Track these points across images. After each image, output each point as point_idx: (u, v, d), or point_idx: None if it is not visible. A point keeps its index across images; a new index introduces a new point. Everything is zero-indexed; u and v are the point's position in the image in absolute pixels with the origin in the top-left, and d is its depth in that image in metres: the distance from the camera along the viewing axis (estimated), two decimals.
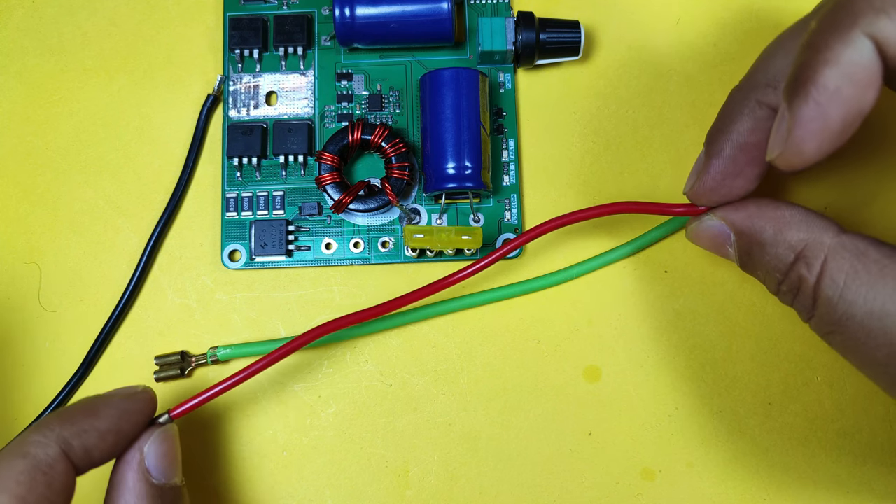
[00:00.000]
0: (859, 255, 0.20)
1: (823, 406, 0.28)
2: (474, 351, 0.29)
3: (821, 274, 0.21)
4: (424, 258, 0.29)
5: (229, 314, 0.29)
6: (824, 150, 0.19)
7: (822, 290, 0.21)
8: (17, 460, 0.20)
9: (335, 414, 0.29)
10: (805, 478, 0.28)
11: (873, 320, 0.20)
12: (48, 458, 0.21)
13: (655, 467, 0.28)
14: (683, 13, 0.31)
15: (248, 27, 0.30)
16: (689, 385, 0.29)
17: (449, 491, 0.28)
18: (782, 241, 0.22)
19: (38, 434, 0.21)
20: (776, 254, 0.22)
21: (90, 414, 0.22)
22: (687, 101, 0.30)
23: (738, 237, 0.23)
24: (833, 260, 0.21)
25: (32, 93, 0.31)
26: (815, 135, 0.19)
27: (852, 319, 0.20)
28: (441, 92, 0.28)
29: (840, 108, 0.18)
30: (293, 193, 0.30)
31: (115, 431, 0.23)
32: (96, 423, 0.22)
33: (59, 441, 0.21)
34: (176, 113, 0.30)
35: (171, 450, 0.24)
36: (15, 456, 0.20)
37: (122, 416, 0.23)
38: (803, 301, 0.22)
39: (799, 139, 0.19)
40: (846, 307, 0.20)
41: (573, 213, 0.26)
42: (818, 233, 0.21)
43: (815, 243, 0.21)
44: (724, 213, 0.24)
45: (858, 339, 0.20)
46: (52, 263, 0.29)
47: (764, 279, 0.23)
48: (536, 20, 0.29)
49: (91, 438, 0.22)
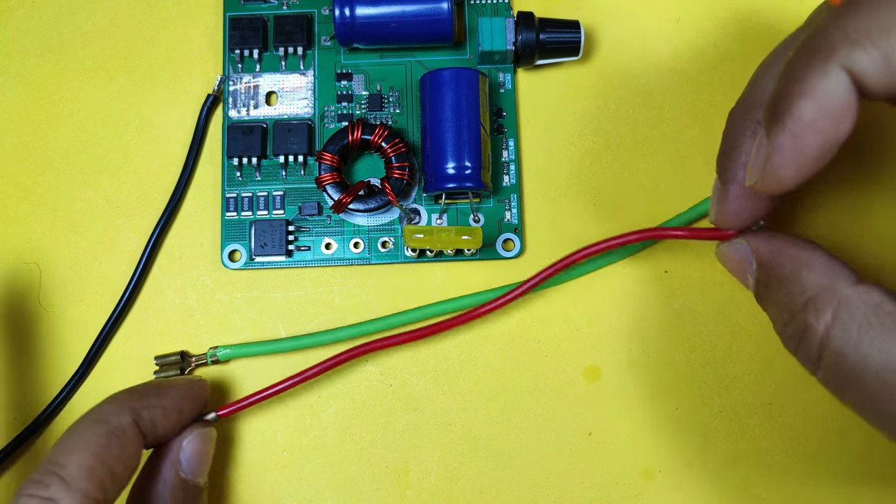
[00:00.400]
0: (874, 307, 0.20)
1: (823, 406, 0.28)
2: (474, 351, 0.29)
3: (831, 324, 0.20)
4: (424, 258, 0.29)
5: (229, 314, 0.29)
6: (801, 177, 0.20)
7: (833, 340, 0.20)
8: (96, 425, 0.23)
9: (335, 414, 0.29)
10: (805, 478, 0.28)
11: (889, 372, 0.19)
12: (121, 424, 0.23)
13: (655, 467, 0.28)
14: (683, 13, 0.31)
15: (248, 27, 0.30)
16: (689, 385, 0.29)
17: (449, 491, 0.28)
18: (797, 281, 0.21)
19: (114, 405, 0.24)
20: (788, 293, 0.22)
21: (157, 393, 0.25)
22: (687, 101, 0.30)
23: (759, 267, 0.23)
24: (845, 310, 0.20)
25: (32, 93, 0.31)
26: (791, 163, 0.19)
27: (866, 372, 0.19)
28: (441, 92, 0.28)
29: (815, 138, 0.19)
30: (293, 193, 0.30)
31: (178, 411, 0.25)
32: (162, 402, 0.25)
33: (132, 412, 0.24)
34: (176, 113, 0.30)
35: (204, 450, 0.26)
36: (94, 422, 0.23)
37: (184, 399, 0.26)
38: (806, 350, 0.21)
39: (776, 166, 0.20)
40: (859, 359, 0.20)
41: (605, 241, 0.26)
42: (835, 280, 0.21)
43: (829, 290, 0.21)
44: (753, 240, 0.23)
45: (874, 392, 0.20)
46: (52, 263, 0.29)
47: (773, 318, 0.23)
48: (536, 20, 0.29)
49: (157, 414, 0.24)
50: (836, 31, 0.18)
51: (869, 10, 0.18)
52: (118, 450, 0.23)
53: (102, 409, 0.24)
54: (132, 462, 0.23)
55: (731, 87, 0.30)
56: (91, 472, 0.22)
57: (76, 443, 0.22)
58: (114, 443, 0.23)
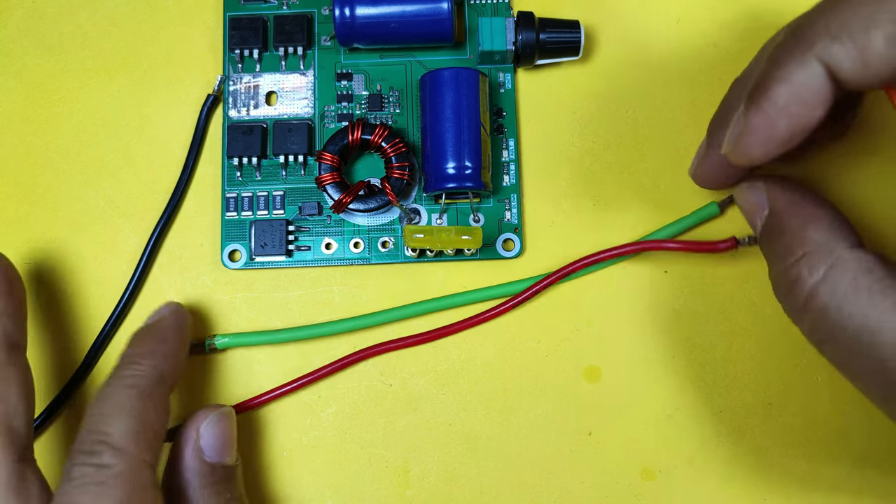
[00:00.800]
0: (865, 271, 0.21)
1: (823, 406, 0.28)
2: (474, 351, 0.29)
3: (822, 280, 0.21)
4: (424, 258, 0.29)
5: (229, 314, 0.29)
6: (769, 155, 0.21)
7: (819, 296, 0.21)
8: (126, 390, 0.24)
9: (335, 414, 0.29)
10: (805, 478, 0.28)
11: (865, 333, 0.20)
12: (149, 384, 0.24)
13: (655, 467, 0.28)
14: (683, 13, 0.31)
15: (248, 27, 0.30)
16: (689, 385, 0.29)
17: (449, 491, 0.28)
18: (800, 234, 0.22)
19: (132, 368, 0.24)
20: (787, 244, 0.23)
21: (161, 339, 0.26)
22: (687, 101, 0.30)
23: (770, 214, 0.24)
24: (838, 270, 0.21)
25: (32, 93, 0.31)
26: (761, 142, 0.20)
27: (844, 331, 0.21)
28: (441, 92, 0.28)
29: (786, 122, 0.20)
30: (293, 193, 0.30)
31: (184, 347, 0.27)
32: (167, 347, 0.26)
33: (154, 370, 0.25)
34: (176, 113, 0.30)
35: (226, 431, 0.26)
36: (123, 388, 0.24)
37: (180, 332, 0.27)
38: (794, 300, 0.22)
39: (747, 143, 0.21)
40: (840, 318, 0.21)
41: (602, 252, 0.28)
42: (835, 241, 0.22)
43: (826, 249, 0.22)
44: (772, 187, 0.24)
45: (849, 350, 0.21)
46: (52, 263, 0.29)
47: (770, 262, 0.24)
48: (536, 20, 0.29)
49: (170, 361, 0.25)
50: (820, 23, 0.19)
51: (855, 5, 0.18)
52: (154, 409, 0.24)
53: (127, 375, 0.24)
54: (167, 416, 0.24)
55: None
56: (137, 436, 0.23)
57: (115, 410, 0.23)
58: (148, 403, 0.24)
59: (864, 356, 0.20)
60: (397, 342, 0.28)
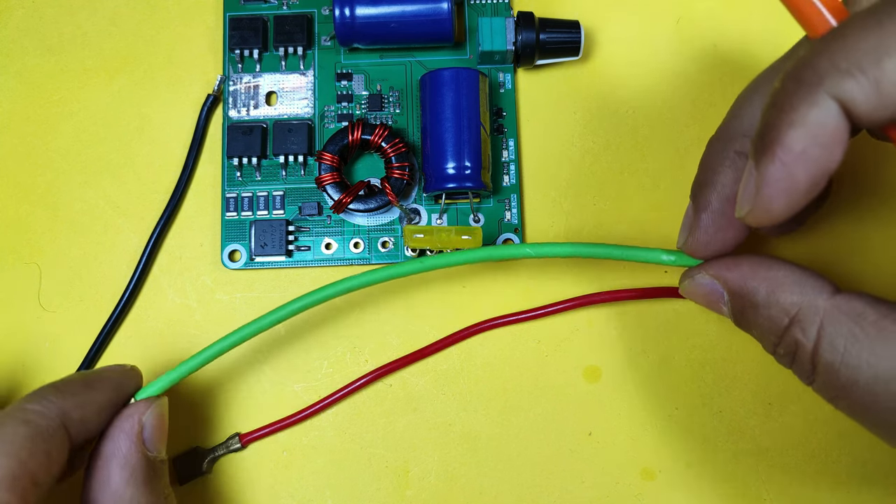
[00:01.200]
0: (856, 318, 0.20)
1: (823, 406, 0.28)
2: (474, 351, 0.29)
3: (818, 339, 0.20)
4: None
5: (229, 314, 0.29)
6: (792, 208, 0.19)
7: (822, 355, 0.20)
8: (20, 427, 0.21)
9: (335, 414, 0.29)
10: (805, 478, 0.28)
11: (878, 384, 0.19)
12: (49, 427, 0.21)
13: (655, 467, 0.28)
14: (683, 13, 0.31)
15: (248, 27, 0.30)
16: (689, 385, 0.29)
17: (449, 491, 0.28)
18: (775, 304, 0.21)
19: (39, 404, 0.22)
20: (770, 316, 0.21)
21: (88, 387, 0.23)
22: (687, 101, 0.30)
23: (731, 297, 0.23)
24: (830, 325, 0.20)
25: (32, 93, 0.31)
26: (782, 194, 0.19)
27: (857, 385, 0.20)
28: (441, 92, 0.28)
29: (807, 168, 0.18)
30: (293, 193, 0.30)
31: (111, 406, 0.23)
32: (94, 397, 0.23)
33: (60, 412, 0.22)
34: (176, 113, 0.30)
35: (164, 422, 0.24)
36: (18, 423, 0.21)
37: (118, 391, 0.24)
38: (802, 366, 0.21)
39: (767, 198, 0.19)
40: (849, 373, 0.20)
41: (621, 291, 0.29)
42: (812, 295, 0.21)
43: (810, 307, 0.21)
44: (717, 271, 0.23)
45: (865, 405, 0.20)
46: (52, 263, 0.29)
47: (760, 339, 0.23)
48: (536, 20, 0.29)
49: (88, 411, 0.22)
50: (824, 59, 0.18)
51: (856, 37, 0.17)
52: (43, 456, 0.21)
53: (26, 409, 0.21)
54: (57, 469, 0.21)
55: (731, 88, 0.30)
56: (14, 482, 0.20)
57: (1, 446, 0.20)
58: (39, 448, 0.21)
59: (883, 405, 0.19)
60: (412, 356, 0.28)
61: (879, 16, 0.17)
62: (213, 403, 0.29)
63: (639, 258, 0.25)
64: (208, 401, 0.29)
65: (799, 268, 0.22)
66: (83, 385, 0.23)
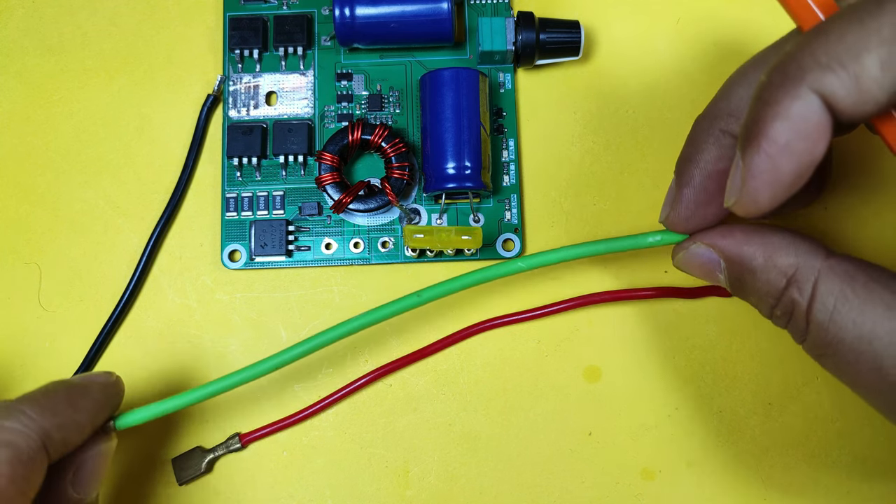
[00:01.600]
0: (848, 279, 0.21)
1: (823, 406, 0.28)
2: (474, 351, 0.29)
3: (812, 298, 0.21)
4: (424, 258, 0.29)
5: (229, 314, 0.29)
6: (778, 199, 0.20)
7: (814, 313, 0.21)
8: (1, 450, 0.20)
9: (335, 414, 0.29)
10: (805, 477, 0.28)
11: (862, 344, 0.20)
12: (30, 449, 0.20)
13: (655, 467, 0.28)
14: (683, 13, 0.31)
15: (248, 27, 0.30)
16: (689, 385, 0.29)
17: (449, 491, 0.28)
18: (773, 267, 0.22)
19: (20, 422, 0.21)
20: (768, 279, 0.22)
21: (72, 405, 0.22)
22: (687, 100, 0.30)
23: (727, 264, 0.23)
24: (823, 283, 0.21)
25: (32, 93, 0.31)
26: (768, 185, 0.19)
27: (842, 343, 0.20)
28: (441, 92, 0.28)
29: (791, 160, 0.19)
30: (293, 193, 0.30)
31: (91, 425, 0.23)
32: (76, 416, 0.22)
33: (41, 433, 0.21)
34: (176, 113, 0.30)
35: (103, 468, 0.23)
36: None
37: (99, 410, 0.23)
38: (797, 324, 0.22)
39: (753, 189, 0.20)
40: (836, 331, 0.20)
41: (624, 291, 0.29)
42: (808, 257, 0.21)
43: (806, 267, 0.21)
44: (712, 239, 0.23)
45: (849, 363, 0.20)
46: (52, 263, 0.29)
47: (756, 304, 0.23)
48: (536, 20, 0.29)
49: (70, 431, 0.22)
50: (807, 55, 0.18)
51: (838, 33, 0.18)
52: (23, 481, 0.20)
53: (8, 428, 0.20)
54: (33, 491, 0.21)
55: None
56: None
57: None
58: (19, 473, 0.20)
59: (865, 366, 0.20)
60: (412, 356, 0.28)
61: (861, 13, 0.18)
62: (213, 403, 0.29)
63: (625, 247, 0.25)
64: (208, 401, 0.29)
65: (791, 232, 0.22)
66: (67, 403, 0.22)
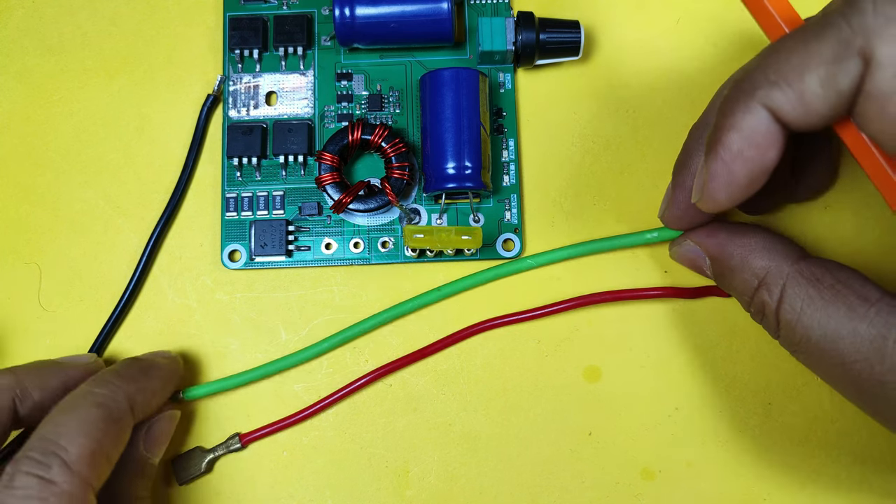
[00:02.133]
0: (814, 282, 0.22)
1: (823, 406, 0.28)
2: (474, 351, 0.29)
3: (780, 300, 0.23)
4: (424, 258, 0.29)
5: (229, 314, 0.29)
6: (735, 199, 0.22)
7: (782, 314, 0.23)
8: (94, 409, 0.23)
9: (335, 414, 0.29)
10: (805, 478, 0.28)
11: (827, 342, 0.22)
12: (119, 409, 0.24)
13: (655, 467, 0.28)
14: (683, 13, 0.31)
15: (248, 27, 0.30)
16: (689, 385, 0.29)
17: (449, 491, 0.28)
18: (747, 268, 0.24)
19: (110, 388, 0.24)
20: (742, 279, 0.24)
21: (146, 374, 0.26)
22: (687, 101, 0.30)
23: (711, 261, 0.26)
24: (790, 287, 0.23)
25: (32, 93, 0.31)
26: (724, 187, 0.22)
27: (809, 341, 0.22)
28: (441, 92, 0.28)
29: (744, 165, 0.21)
30: (293, 193, 0.30)
31: (164, 394, 0.26)
32: (152, 384, 0.26)
33: (127, 396, 0.24)
34: (176, 113, 0.30)
35: (168, 431, 0.27)
36: (91, 405, 0.23)
37: (168, 380, 0.27)
38: (768, 322, 0.24)
39: (712, 189, 0.22)
40: (803, 331, 0.22)
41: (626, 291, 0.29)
42: (779, 260, 0.24)
43: (776, 271, 0.23)
44: (699, 238, 0.26)
45: (817, 359, 0.22)
46: (52, 263, 0.29)
47: (737, 298, 0.25)
48: (536, 20, 0.29)
49: (147, 396, 0.25)
50: (759, 72, 0.20)
51: (787, 53, 0.20)
52: (115, 436, 0.23)
53: (99, 393, 0.24)
54: (123, 447, 0.24)
55: None
56: (92, 459, 0.22)
57: (78, 426, 0.22)
58: (112, 429, 0.23)
59: (830, 362, 0.22)
60: (412, 356, 0.28)
61: (808, 34, 0.20)
62: (214, 403, 0.29)
63: (626, 244, 0.28)
64: (208, 401, 0.29)
65: (771, 235, 0.25)
66: (141, 372, 0.25)
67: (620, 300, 0.29)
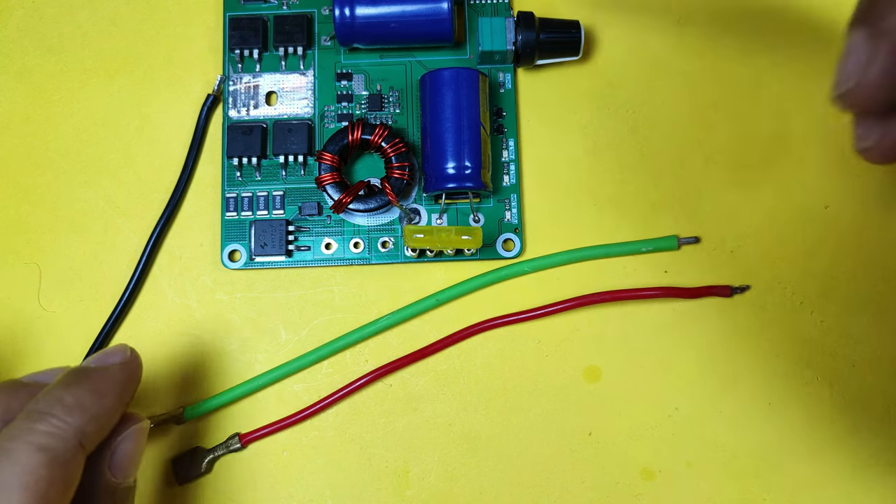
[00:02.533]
0: None
1: (823, 406, 0.28)
2: (474, 351, 0.29)
3: None
4: (424, 258, 0.29)
5: (229, 314, 0.29)
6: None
7: None
8: (35, 455, 0.19)
9: (335, 414, 0.29)
10: (805, 478, 0.28)
11: None
12: (67, 451, 0.20)
13: (655, 467, 0.28)
14: (683, 13, 0.31)
15: (248, 27, 0.30)
16: (689, 385, 0.29)
17: (449, 491, 0.28)
18: None
19: (50, 424, 0.20)
20: None
21: (96, 393, 0.21)
22: (687, 101, 0.30)
23: None
24: None
25: (32, 93, 0.31)
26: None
27: None
28: (441, 92, 0.28)
29: None
30: (293, 193, 0.30)
31: (121, 406, 0.22)
32: (104, 403, 0.21)
33: (76, 432, 0.20)
34: (176, 113, 0.30)
35: (139, 449, 0.22)
36: (32, 450, 0.19)
37: (124, 390, 0.22)
38: None
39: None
40: None
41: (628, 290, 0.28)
42: None
43: None
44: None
45: None
46: (52, 263, 0.29)
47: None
48: (536, 20, 0.29)
49: (101, 420, 0.21)
50: None
51: None
52: (63, 482, 0.19)
53: (40, 432, 0.20)
54: (72, 491, 0.20)
55: (731, 88, 0.30)
56: None
57: (17, 480, 0.18)
58: (58, 473, 0.19)
59: None
60: (412, 356, 0.28)
61: None
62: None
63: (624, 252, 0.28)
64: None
65: None
66: (91, 392, 0.21)
67: (620, 300, 0.29)
